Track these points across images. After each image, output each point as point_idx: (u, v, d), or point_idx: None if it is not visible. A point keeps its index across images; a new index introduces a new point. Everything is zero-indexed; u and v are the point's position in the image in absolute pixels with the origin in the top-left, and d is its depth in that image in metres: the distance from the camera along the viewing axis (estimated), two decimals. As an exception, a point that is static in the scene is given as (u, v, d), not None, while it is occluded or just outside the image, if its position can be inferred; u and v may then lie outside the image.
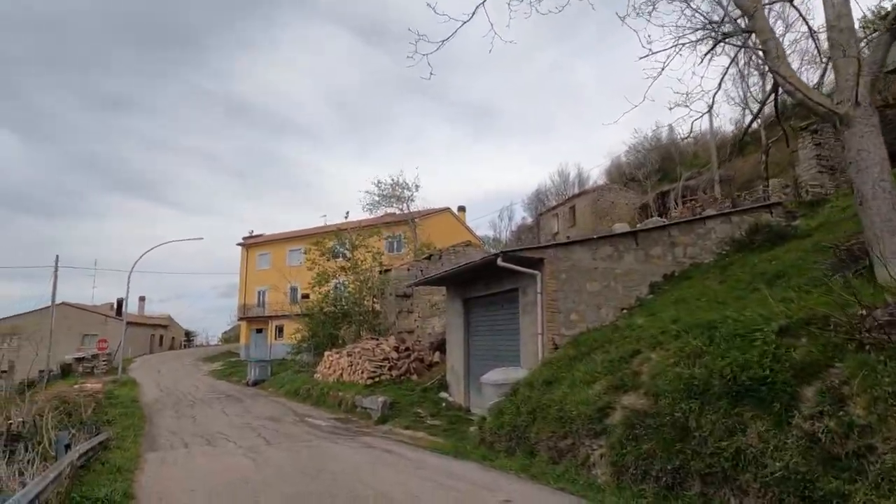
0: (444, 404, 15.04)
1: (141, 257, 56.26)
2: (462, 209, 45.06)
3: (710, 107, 10.38)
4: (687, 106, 10.14)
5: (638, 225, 18.88)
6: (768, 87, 23.54)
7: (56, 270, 33.63)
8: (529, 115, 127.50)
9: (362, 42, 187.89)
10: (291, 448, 10.30)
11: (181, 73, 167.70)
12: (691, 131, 10.29)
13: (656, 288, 12.58)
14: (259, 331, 44.39)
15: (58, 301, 46.06)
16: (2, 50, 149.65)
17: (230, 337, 64.32)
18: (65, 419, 12.91)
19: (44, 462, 8.63)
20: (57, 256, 33.73)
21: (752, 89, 24.36)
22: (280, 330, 42.02)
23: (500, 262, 11.45)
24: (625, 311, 12.19)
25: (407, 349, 18.37)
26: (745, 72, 22.61)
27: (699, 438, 5.87)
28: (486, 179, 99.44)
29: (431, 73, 10.09)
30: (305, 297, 35.34)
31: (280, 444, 10.81)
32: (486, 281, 14.06)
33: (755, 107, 23.43)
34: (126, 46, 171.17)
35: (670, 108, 10.53)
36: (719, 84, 10.06)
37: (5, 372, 30.58)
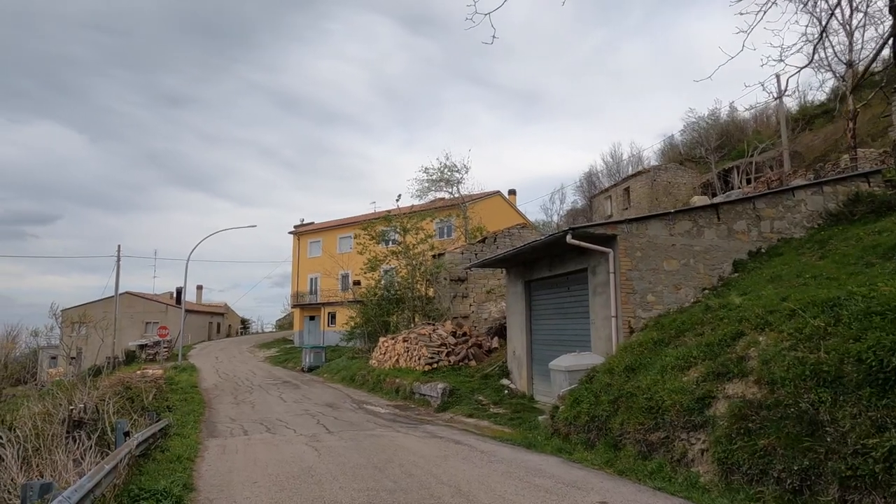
0: (506, 391, 14.36)
1: (198, 245, 58.01)
2: (513, 192, 43.97)
3: (811, 59, 9.21)
4: (782, 60, 9.02)
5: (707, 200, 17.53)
6: (859, 46, 21.51)
7: (118, 260, 34.66)
8: (577, 99, 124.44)
9: (408, 31, 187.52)
10: (353, 437, 9.83)
11: (235, 69, 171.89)
12: (785, 88, 9.11)
13: (741, 266, 11.48)
14: (312, 318, 44.78)
15: (122, 291, 47.75)
16: (72, 53, 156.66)
17: (284, 324, 65.42)
18: (127, 405, 12.89)
19: (104, 449, 8.43)
20: (119, 246, 34.79)
21: (836, 49, 22.22)
22: (332, 317, 42.22)
23: (569, 239, 10.61)
24: (706, 291, 11.17)
25: (464, 334, 17.74)
26: (828, 30, 20.66)
27: (836, 434, 4.96)
28: (534, 164, 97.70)
29: (494, 37, 9.32)
30: (357, 283, 35.26)
31: (341, 433, 10.37)
32: (550, 261, 13.25)
33: (839, 68, 21.44)
34: (183, 45, 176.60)
35: (762, 65, 9.42)
36: (821, 34, 8.89)
37: (74, 358, 31.69)
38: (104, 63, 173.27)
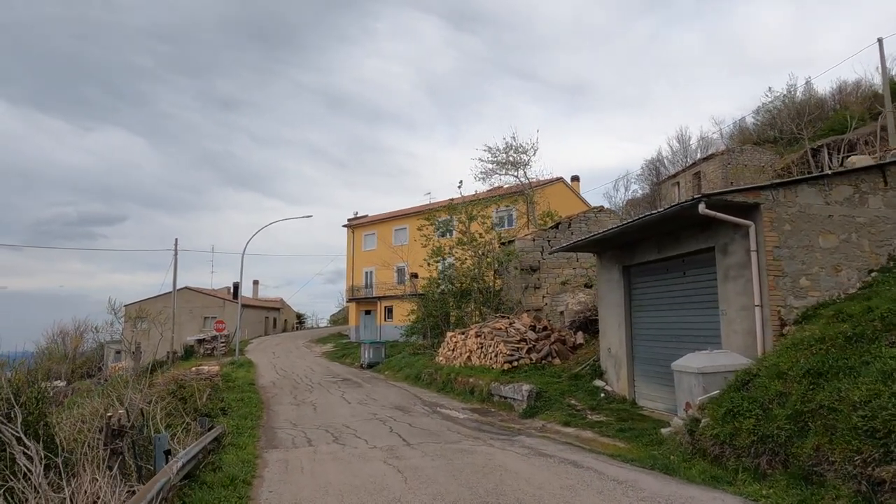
0: (602, 395, 12.35)
1: (253, 236, 58.48)
2: (576, 179, 41.47)
3: None
4: None
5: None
6: None
7: (176, 254, 34.33)
8: (628, 89, 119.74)
9: (452, 27, 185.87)
10: (440, 452, 8.06)
11: (285, 71, 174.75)
12: None
13: (917, 242, 9.10)
14: (368, 312, 43.60)
15: (180, 286, 47.86)
16: (133, 61, 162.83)
17: (338, 319, 64.83)
18: (179, 406, 11.58)
19: (147, 466, 6.96)
20: (176, 240, 34.51)
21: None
22: (389, 311, 40.89)
23: (702, 209, 8.49)
24: (874, 273, 8.86)
25: (545, 328, 15.78)
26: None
27: None
28: (585, 156, 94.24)
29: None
30: (414, 276, 33.74)
31: (423, 446, 8.62)
32: (659, 241, 11.13)
33: None
34: (235, 50, 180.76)
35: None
36: None
37: (134, 353, 31.35)
38: (163, 70, 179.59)
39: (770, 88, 45.30)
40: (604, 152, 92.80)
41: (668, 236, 10.82)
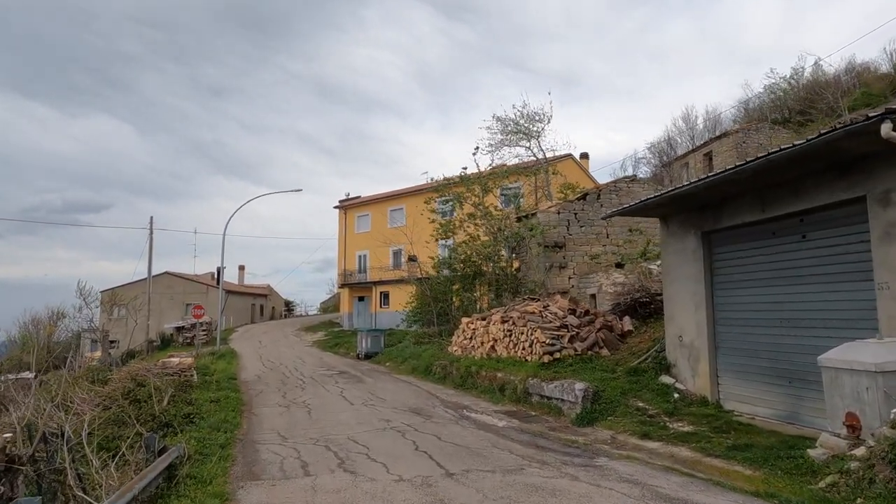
0: (675, 395, 9.73)
1: (240, 208, 56.07)
2: (585, 156, 38.74)
3: None
4: None
5: None
6: None
7: (151, 233, 31.27)
8: (620, 80, 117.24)
9: (443, 16, 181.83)
10: (502, 490, 5.36)
11: (275, 59, 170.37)
12: None
13: None
14: (361, 298, 40.79)
15: (161, 272, 44.72)
16: (123, 48, 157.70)
17: (328, 307, 61.97)
18: (131, 411, 8.82)
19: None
20: (151, 218, 31.36)
21: None
22: (385, 297, 38.11)
23: (886, 131, 5.78)
24: None
25: (587, 313, 13.10)
26: None
27: None
28: (580, 144, 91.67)
29: None
30: (413, 259, 31.04)
31: (472, 477, 5.90)
32: (762, 196, 8.48)
33: None
34: (225, 37, 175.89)
35: None
36: None
37: (104, 341, 28.36)
38: (152, 57, 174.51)
39: (772, 69, 42.88)
40: (594, 142, 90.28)
41: (781, 188, 8.14)
